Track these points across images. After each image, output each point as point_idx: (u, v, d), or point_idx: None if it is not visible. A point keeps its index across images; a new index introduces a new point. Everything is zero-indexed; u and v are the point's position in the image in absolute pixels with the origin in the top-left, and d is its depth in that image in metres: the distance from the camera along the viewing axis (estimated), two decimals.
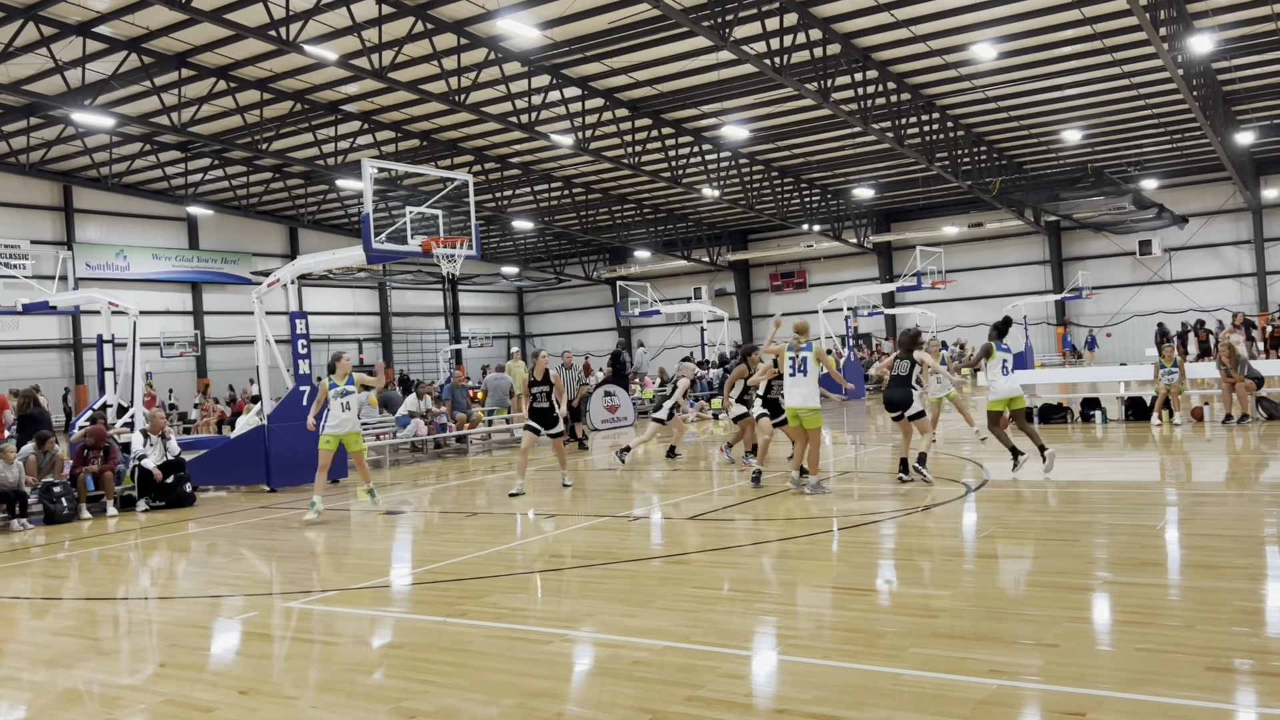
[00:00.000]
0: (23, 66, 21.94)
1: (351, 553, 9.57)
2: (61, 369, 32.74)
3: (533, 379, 12.41)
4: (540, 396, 12.29)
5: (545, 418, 12.31)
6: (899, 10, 20.92)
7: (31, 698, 5.45)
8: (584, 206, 37.45)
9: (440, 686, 5.13)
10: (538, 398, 12.30)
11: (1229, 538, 7.84)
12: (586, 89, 25.01)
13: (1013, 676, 4.73)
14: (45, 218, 32.92)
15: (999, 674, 4.75)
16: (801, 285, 45.61)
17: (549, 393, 12.28)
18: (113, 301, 16.81)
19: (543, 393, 12.28)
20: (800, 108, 27.00)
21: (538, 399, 12.30)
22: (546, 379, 12.35)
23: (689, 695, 4.73)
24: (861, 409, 25.53)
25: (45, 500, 12.36)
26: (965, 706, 4.37)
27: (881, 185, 37.29)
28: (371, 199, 13.41)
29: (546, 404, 12.28)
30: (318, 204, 36.34)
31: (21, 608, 8.10)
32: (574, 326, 50.39)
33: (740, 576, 7.50)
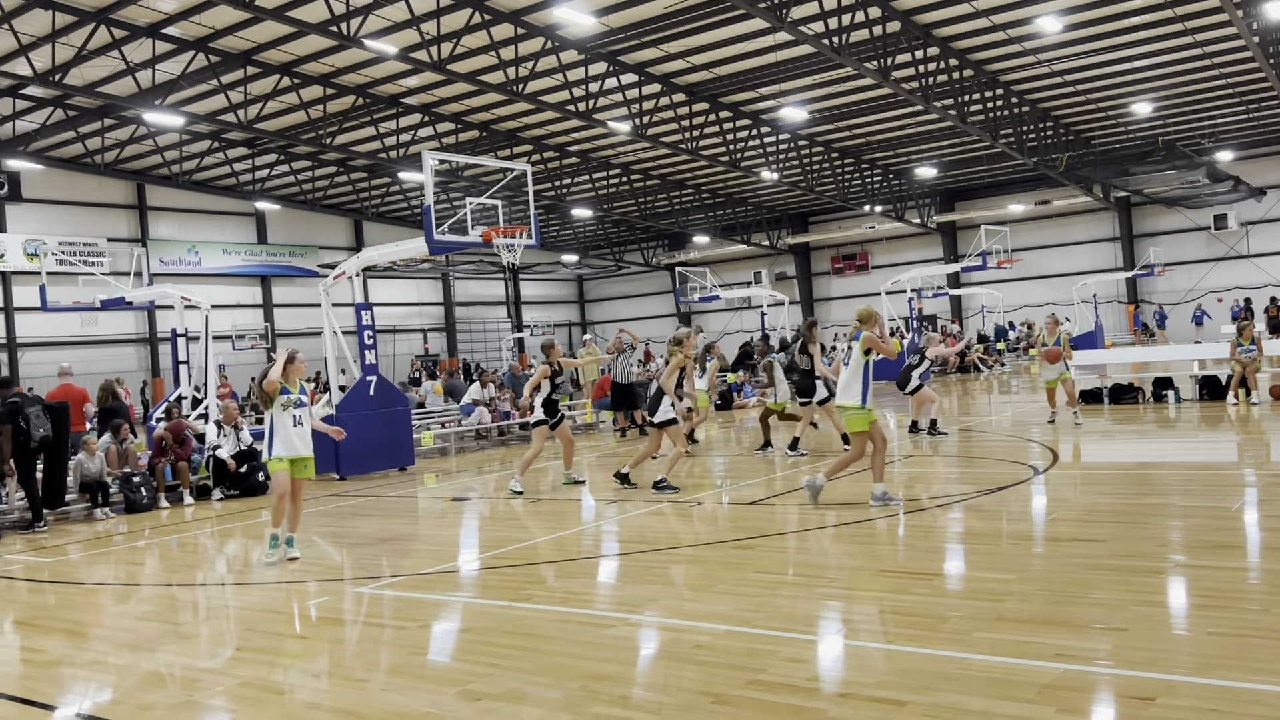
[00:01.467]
0: (96, 69, 22.58)
1: (419, 539, 9.76)
2: (138, 362, 33.74)
3: (554, 369, 12.05)
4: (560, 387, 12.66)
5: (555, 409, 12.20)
6: None
7: (117, 680, 5.66)
8: (642, 193, 37.46)
9: (506, 670, 5.22)
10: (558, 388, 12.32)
11: None
12: (643, 75, 24.99)
13: (1080, 661, 4.67)
14: (121, 216, 33.89)
15: (1066, 658, 4.70)
16: (864, 267, 45.12)
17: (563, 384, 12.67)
18: (185, 296, 17.28)
19: (560, 382, 12.56)
20: (860, 87, 26.65)
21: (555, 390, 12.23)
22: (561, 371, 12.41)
23: (751, 679, 4.75)
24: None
25: (126, 490, 12.79)
26: (1031, 690, 4.33)
27: (944, 164, 36.68)
28: (432, 191, 13.59)
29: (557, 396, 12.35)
30: (381, 197, 36.87)
31: (106, 593, 8.40)
32: (634, 313, 50.48)
33: (802, 561, 7.49)
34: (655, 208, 40.02)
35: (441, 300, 45.24)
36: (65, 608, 7.89)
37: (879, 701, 4.35)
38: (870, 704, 4.33)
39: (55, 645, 6.63)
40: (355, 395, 15.07)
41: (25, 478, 11.81)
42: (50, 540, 11.18)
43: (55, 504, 12.18)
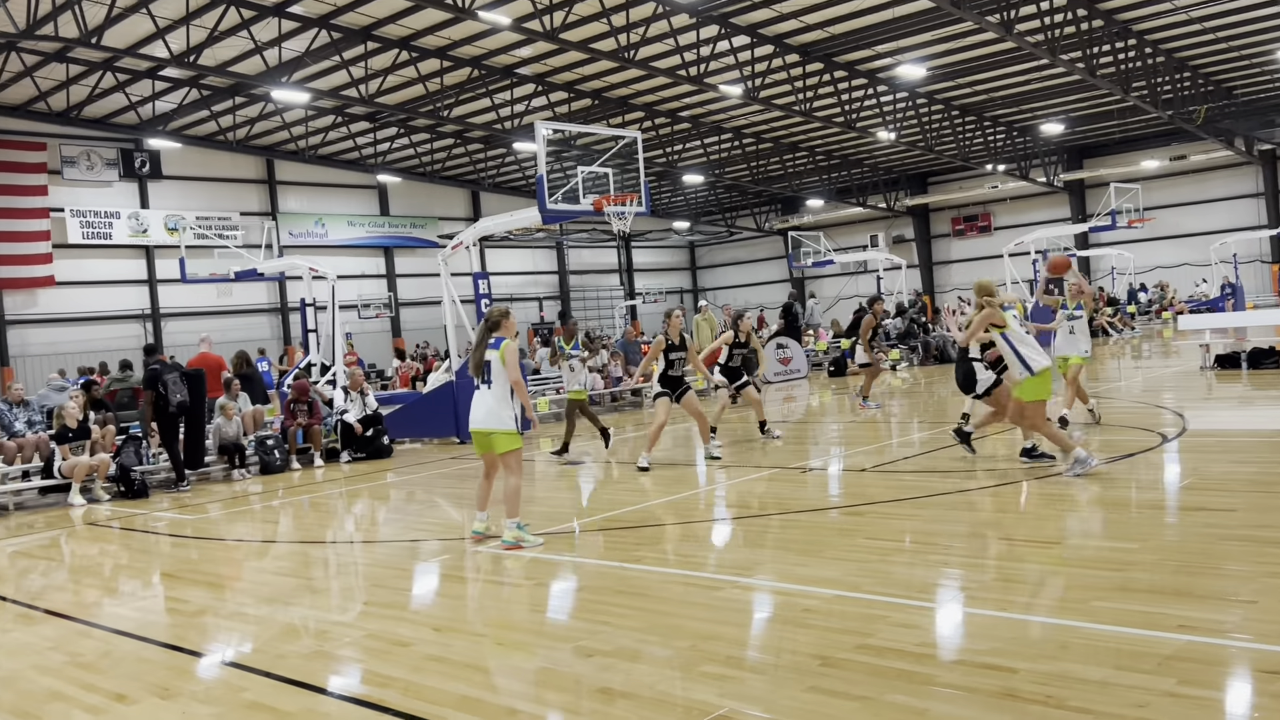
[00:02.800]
0: (227, 49, 23.49)
1: (535, 501, 9.99)
2: (270, 331, 35.23)
3: (669, 343, 11.24)
4: (676, 363, 11.36)
5: (676, 383, 11.36)
6: None
7: (255, 630, 6.03)
8: (754, 157, 37.04)
9: (617, 628, 5.35)
10: (673, 364, 11.34)
11: None
12: (755, 36, 24.63)
13: (1205, 633, 4.52)
14: (251, 190, 35.30)
15: (1190, 629, 4.55)
16: (986, 228, 43.68)
17: (683, 359, 11.38)
18: (313, 267, 17.97)
19: (679, 359, 11.35)
20: (981, 42, 25.68)
21: (673, 365, 11.34)
22: (683, 344, 11.41)
23: (860, 643, 4.76)
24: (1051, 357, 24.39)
25: (260, 452, 13.48)
26: (1151, 661, 4.22)
27: (1072, 120, 35.11)
28: (545, 160, 13.76)
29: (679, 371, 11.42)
30: (497, 167, 37.42)
31: (243, 549, 8.90)
32: (746, 279, 50.12)
33: (915, 528, 7.41)
34: (768, 171, 39.53)
35: (556, 269, 45.80)
36: (207, 562, 8.39)
37: (991, 669, 4.31)
38: (982, 671, 4.30)
39: (199, 596, 7.08)
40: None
41: (167, 440, 12.56)
42: (192, 499, 11.88)
43: (195, 465, 12.93)
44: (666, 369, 11.28)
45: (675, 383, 11.29)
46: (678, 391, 11.25)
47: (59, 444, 12.11)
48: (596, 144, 29.24)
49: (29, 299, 29.65)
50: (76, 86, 26.43)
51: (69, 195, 30.40)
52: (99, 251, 31.09)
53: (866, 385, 15.62)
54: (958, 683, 4.21)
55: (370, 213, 38.41)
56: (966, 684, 4.18)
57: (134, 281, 31.93)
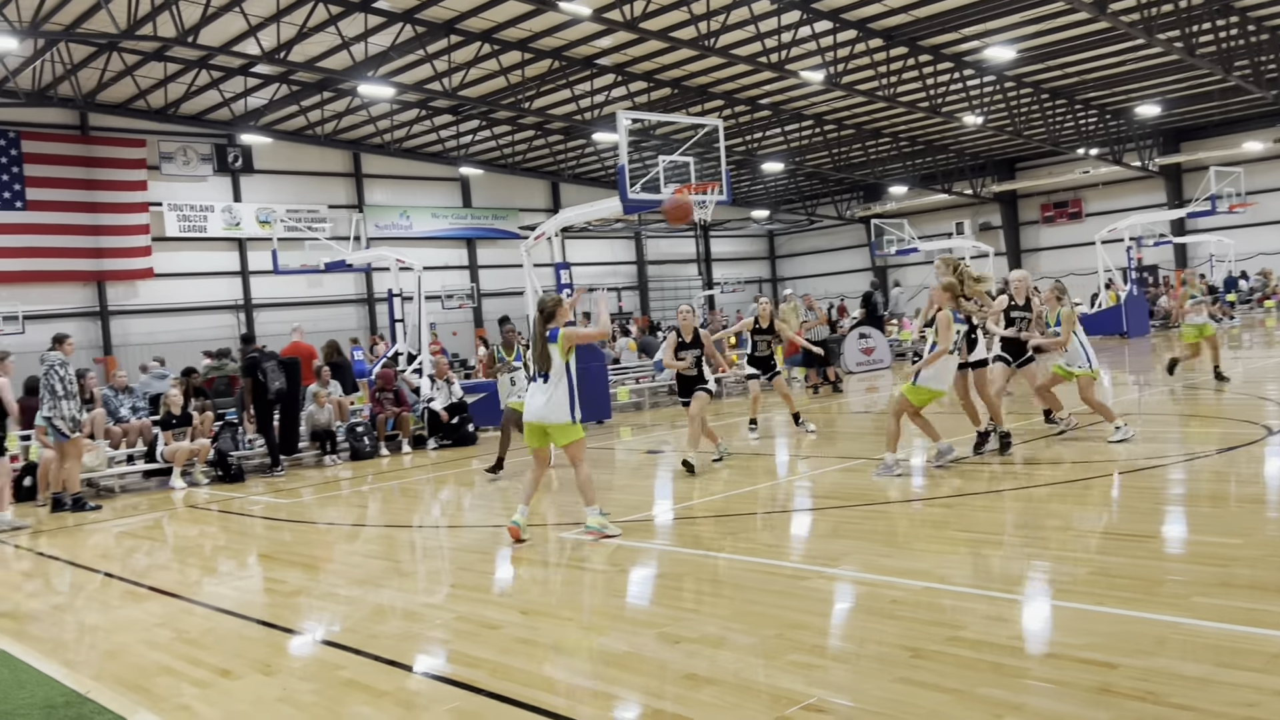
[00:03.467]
0: (315, 45, 24.05)
1: (616, 489, 10.06)
2: (357, 321, 36.02)
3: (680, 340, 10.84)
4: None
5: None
6: None
7: (349, 611, 6.19)
8: (836, 144, 36.58)
9: (702, 615, 5.37)
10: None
11: None
12: (838, 21, 24.30)
13: None
14: (339, 184, 36.11)
15: None
16: (1076, 215, 42.46)
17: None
18: (400, 259, 18.33)
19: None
20: (1073, 22, 24.92)
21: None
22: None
23: (950, 636, 4.69)
24: (1146, 347, 23.66)
25: (350, 439, 13.81)
26: (1259, 659, 4.08)
27: (1169, 101, 33.88)
28: (626, 150, 13.79)
29: (767, 351, 12.48)
30: (576, 158, 37.64)
31: (335, 533, 9.15)
32: (826, 268, 49.57)
33: (1005, 521, 7.27)
34: (849, 158, 39.01)
35: (634, 259, 45.91)
36: (301, 544, 8.64)
37: (1088, 663, 4.21)
38: (1078, 665, 4.20)
39: (294, 577, 7.31)
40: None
41: (263, 426, 12.96)
42: (286, 483, 12.24)
43: (290, 450, 13.32)
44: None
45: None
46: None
47: (162, 429, 12.58)
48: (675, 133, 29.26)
49: (129, 290, 30.83)
50: (173, 84, 27.35)
51: (166, 190, 31.50)
52: (194, 244, 32.17)
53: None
54: (1052, 677, 4.12)
55: (453, 204, 38.97)
56: (1061, 678, 4.09)
57: (227, 273, 32.95)
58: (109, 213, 30.03)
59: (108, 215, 30.01)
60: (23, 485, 11.95)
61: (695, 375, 10.71)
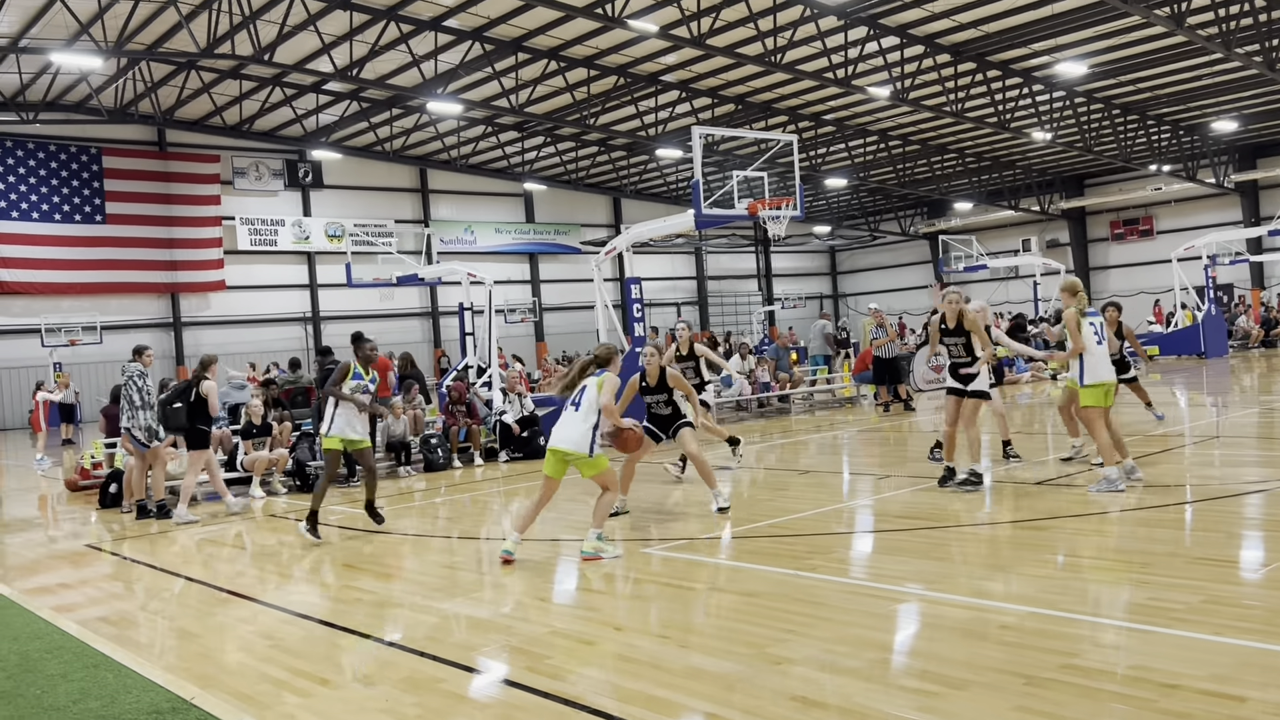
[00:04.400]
0: (386, 63, 24.49)
1: (690, 505, 9.98)
2: (422, 334, 36.49)
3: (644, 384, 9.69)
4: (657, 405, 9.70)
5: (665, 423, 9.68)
6: None
7: (440, 623, 6.20)
8: (901, 159, 36.30)
9: (801, 636, 5.28)
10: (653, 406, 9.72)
11: None
12: (905, 37, 24.14)
13: None
14: (406, 199, 36.67)
15: None
16: (1148, 232, 41.59)
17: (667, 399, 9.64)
18: (471, 273, 18.49)
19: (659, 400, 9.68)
20: (1148, 36, 24.49)
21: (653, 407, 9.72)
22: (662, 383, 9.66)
23: (1064, 663, 4.56)
24: (1225, 368, 23.02)
25: (425, 450, 13.93)
26: None
27: (1245, 117, 33.10)
28: (700, 165, 13.77)
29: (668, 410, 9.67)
30: (639, 174, 37.80)
31: (411, 543, 9.19)
32: (889, 284, 49.11)
33: (1105, 545, 7.07)
34: (914, 174, 38.68)
35: (694, 274, 45.91)
36: (382, 554, 8.69)
37: (1215, 696, 4.06)
38: (1205, 697, 4.05)
39: (380, 587, 7.34)
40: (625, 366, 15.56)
41: None
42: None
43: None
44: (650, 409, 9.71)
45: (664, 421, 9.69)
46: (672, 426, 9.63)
47: (243, 439, 12.79)
48: (738, 149, 29.24)
49: (202, 302, 31.54)
50: (248, 101, 28.01)
51: (239, 204, 32.23)
52: (265, 257, 32.86)
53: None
54: (1179, 709, 3.98)
55: (516, 219, 39.34)
56: (1188, 710, 3.95)
57: (296, 286, 33.59)
58: (184, 226, 30.80)
59: (182, 229, 30.78)
60: (108, 492, 12.21)
61: (671, 413, 9.62)
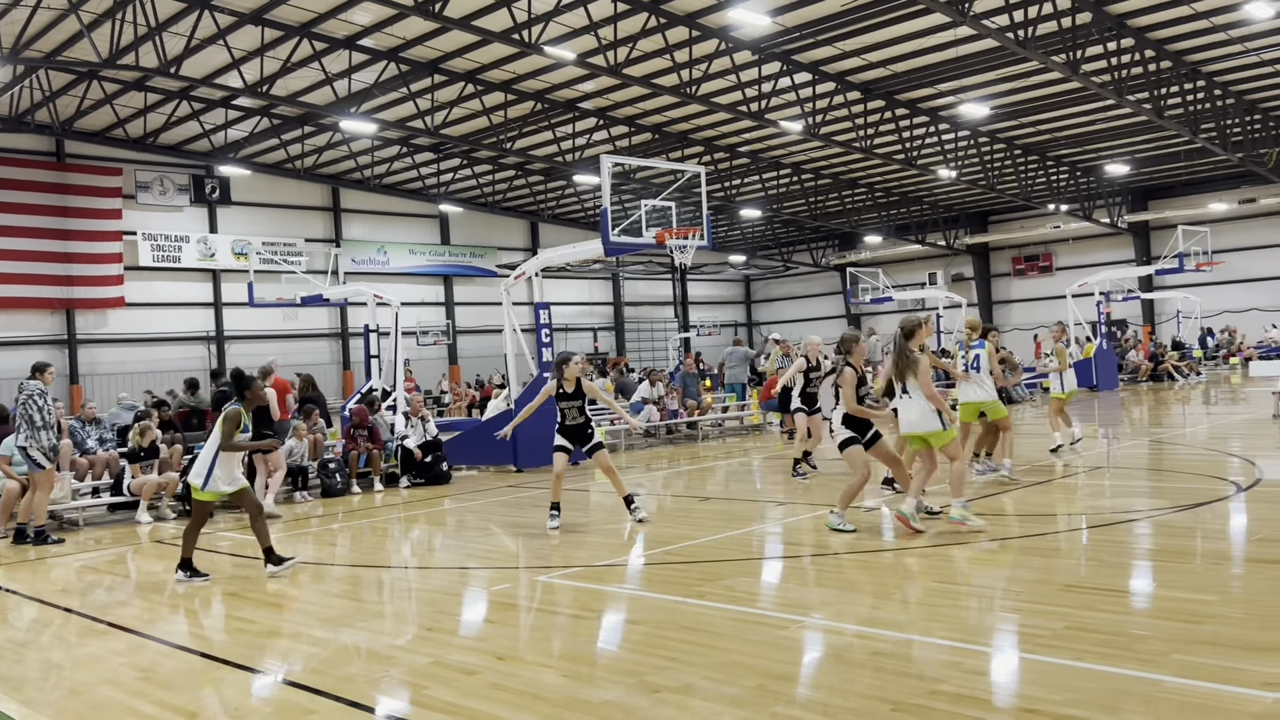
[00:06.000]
0: (298, 80, 24.13)
1: (591, 532, 9.99)
2: (330, 356, 35.84)
3: (560, 390, 9.97)
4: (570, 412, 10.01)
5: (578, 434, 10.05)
6: None
7: (320, 653, 6.07)
8: (813, 192, 37.05)
9: (682, 664, 5.31)
10: (567, 413, 10.01)
11: None
12: (817, 73, 24.72)
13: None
14: (317, 218, 36.08)
15: (1277, 687, 4.41)
16: (1047, 269, 43.12)
17: (581, 406, 10.03)
18: (378, 294, 18.26)
19: (574, 407, 10.00)
20: (1046, 81, 25.50)
21: (567, 414, 10.01)
22: (578, 390, 10.04)
23: (931, 690, 4.67)
24: (1115, 401, 23.92)
25: (322, 475, 13.65)
26: (1239, 719, 4.08)
27: (1138, 160, 34.65)
28: (609, 193, 13.88)
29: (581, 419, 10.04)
30: (556, 199, 37.85)
31: (305, 571, 9.00)
32: (802, 314, 49.95)
33: (980, 573, 7.28)
34: (826, 207, 39.50)
35: (611, 300, 46.06)
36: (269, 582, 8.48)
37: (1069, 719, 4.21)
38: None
39: (262, 616, 7.17)
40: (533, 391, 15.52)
41: None
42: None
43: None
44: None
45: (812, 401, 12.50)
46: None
47: (130, 462, 12.38)
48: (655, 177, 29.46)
49: (99, 319, 30.50)
50: (153, 114, 27.31)
51: (141, 219, 31.32)
52: (168, 274, 31.95)
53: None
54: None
55: (431, 241, 39.01)
56: None
57: (200, 304, 32.71)
58: (81, 240, 29.79)
59: (80, 243, 29.76)
60: None
61: (584, 422, 9.97)
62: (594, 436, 10.06)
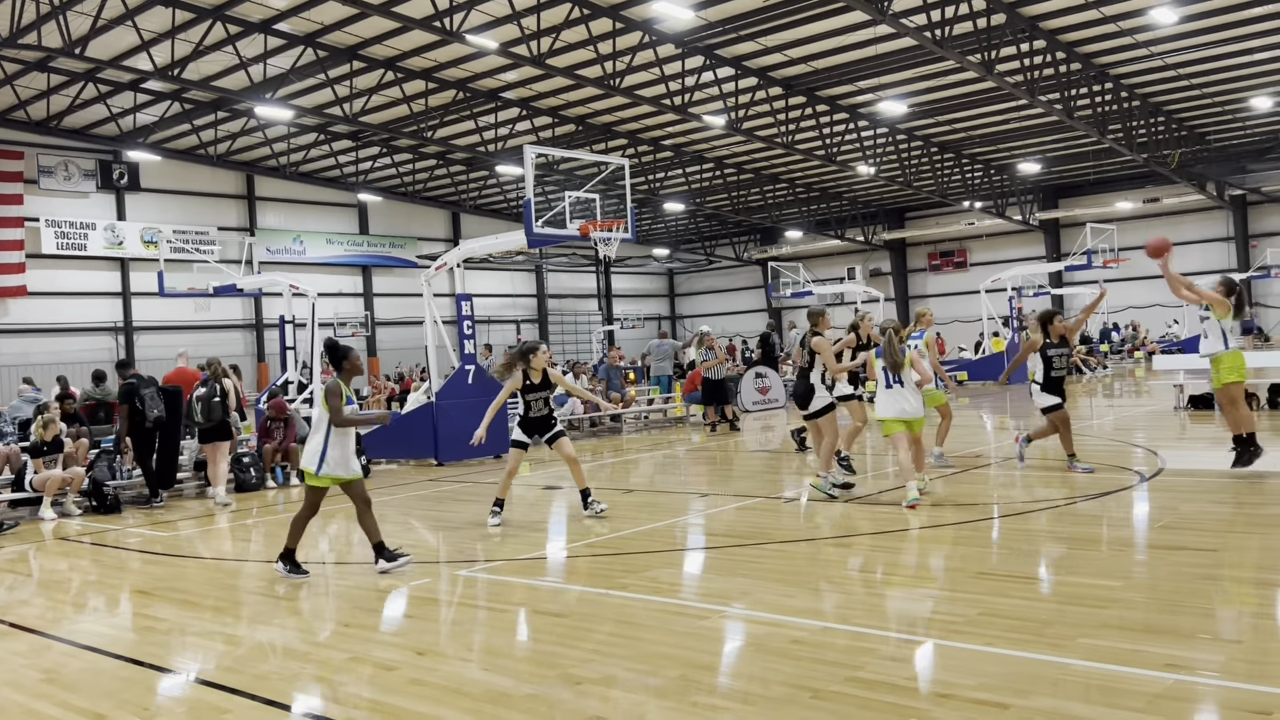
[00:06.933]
0: (211, 64, 23.44)
1: (513, 525, 9.92)
2: (245, 347, 34.96)
3: (527, 382, 9.63)
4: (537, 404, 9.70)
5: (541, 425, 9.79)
6: None
7: (234, 650, 5.93)
8: (735, 187, 37.34)
9: (604, 656, 5.31)
10: (532, 405, 9.70)
11: None
12: (740, 69, 24.90)
13: (1192, 671, 4.56)
14: (230, 205, 35.14)
15: (1177, 668, 4.58)
16: (961, 264, 44.19)
17: (547, 398, 9.77)
18: (293, 284, 17.87)
19: (540, 399, 9.70)
20: (962, 80, 26.10)
21: (533, 406, 9.70)
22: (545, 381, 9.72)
23: (849, 676, 4.75)
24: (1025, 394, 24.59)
25: (236, 469, 13.31)
26: (1140, 700, 4.24)
27: (1049, 160, 35.70)
28: (532, 185, 13.78)
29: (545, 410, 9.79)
30: (478, 189, 37.49)
31: (218, 568, 8.78)
32: (724, 308, 50.37)
33: (897, 561, 7.43)
34: (748, 202, 39.85)
35: (534, 292, 45.82)
36: (181, 579, 8.26)
37: (981, 704, 4.31)
38: (973, 706, 4.30)
39: (173, 614, 6.97)
40: (454, 384, 15.38)
41: (142, 456, 12.39)
42: (165, 515, 11.72)
43: (168, 483, 12.73)
44: (527, 411, 9.74)
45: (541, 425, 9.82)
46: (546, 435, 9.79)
47: (32, 457, 11.92)
48: (579, 169, 29.45)
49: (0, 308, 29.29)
50: (57, 96, 26.28)
51: (44, 205, 30.14)
52: (73, 262, 30.81)
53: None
54: (950, 718, 4.20)
55: (349, 231, 38.31)
56: (959, 719, 4.18)
57: (107, 294, 31.63)
58: None
59: None
60: None
61: (548, 414, 9.78)
62: (556, 425, 9.82)
